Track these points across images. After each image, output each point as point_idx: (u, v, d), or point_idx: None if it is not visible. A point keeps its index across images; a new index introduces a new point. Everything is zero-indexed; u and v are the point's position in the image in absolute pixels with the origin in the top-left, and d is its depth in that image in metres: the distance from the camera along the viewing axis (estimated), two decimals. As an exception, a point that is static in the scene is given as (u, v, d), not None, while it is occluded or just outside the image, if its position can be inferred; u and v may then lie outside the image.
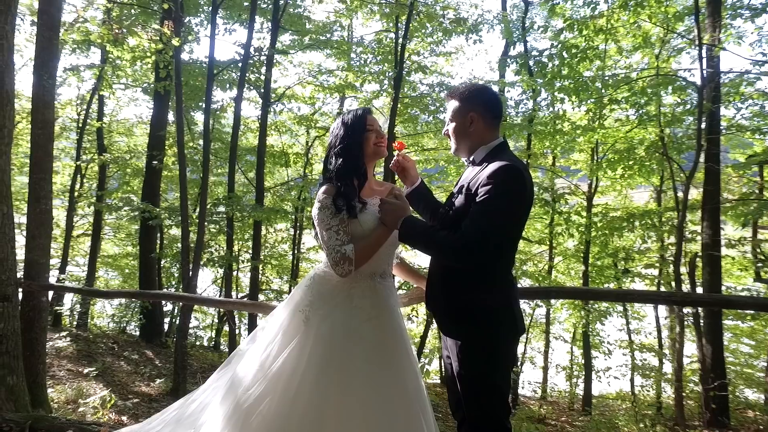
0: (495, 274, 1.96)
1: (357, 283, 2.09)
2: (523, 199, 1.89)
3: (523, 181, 1.87)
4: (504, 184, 1.81)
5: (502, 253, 1.94)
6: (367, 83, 11.26)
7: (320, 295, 2.09)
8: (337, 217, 2.01)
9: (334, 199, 2.04)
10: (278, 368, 1.98)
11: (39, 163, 4.20)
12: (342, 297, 2.07)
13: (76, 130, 13.46)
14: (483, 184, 1.85)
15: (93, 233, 12.16)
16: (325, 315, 2.04)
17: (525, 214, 1.98)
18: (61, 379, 6.32)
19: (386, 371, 2.03)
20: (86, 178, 14.32)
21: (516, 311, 2.00)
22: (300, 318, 2.06)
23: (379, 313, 2.11)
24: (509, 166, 1.85)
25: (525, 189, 1.87)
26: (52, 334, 8.38)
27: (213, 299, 4.41)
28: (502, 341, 1.94)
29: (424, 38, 11.04)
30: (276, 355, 2.03)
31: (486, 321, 1.92)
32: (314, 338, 2.00)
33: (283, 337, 2.07)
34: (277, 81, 12.61)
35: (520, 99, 9.99)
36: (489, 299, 1.94)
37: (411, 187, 2.28)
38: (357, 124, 2.18)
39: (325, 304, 2.06)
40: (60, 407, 5.13)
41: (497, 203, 1.80)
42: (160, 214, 8.71)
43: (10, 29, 3.63)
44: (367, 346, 2.01)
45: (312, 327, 2.02)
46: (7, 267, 3.60)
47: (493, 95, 2.12)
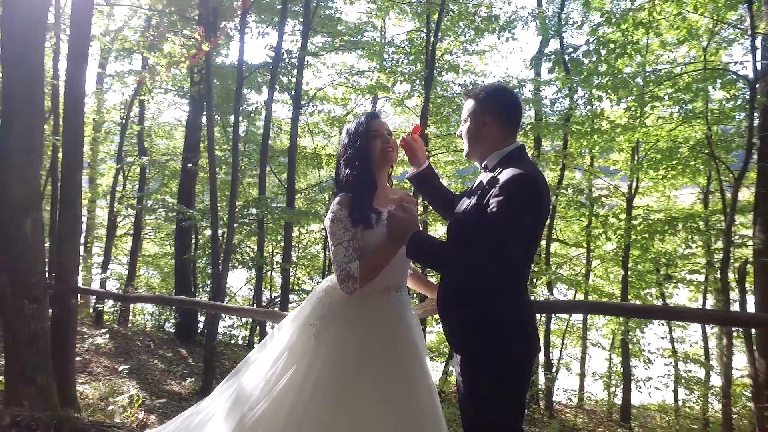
0: (508, 290, 1.84)
1: (371, 297, 1.99)
2: (537, 211, 1.75)
3: (538, 191, 1.74)
4: (517, 196, 1.69)
5: (520, 270, 1.82)
6: (399, 84, 11.16)
7: (332, 309, 2.00)
8: (349, 232, 1.92)
9: (349, 212, 1.95)
10: (285, 386, 1.91)
11: (69, 170, 4.32)
12: (355, 312, 1.98)
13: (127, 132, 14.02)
14: (495, 195, 1.73)
15: (134, 233, 12.60)
16: (336, 331, 1.96)
17: (541, 226, 1.85)
18: (98, 376, 6.53)
19: (399, 390, 1.93)
20: (129, 180, 14.91)
21: (529, 328, 1.87)
22: (310, 333, 1.98)
23: (394, 329, 2.02)
24: (522, 176, 1.71)
25: (539, 200, 1.74)
26: (93, 331, 8.71)
27: (222, 306, 4.46)
28: (512, 361, 1.81)
29: (457, 37, 10.86)
30: (282, 372, 1.95)
31: (494, 338, 1.80)
32: (324, 356, 1.92)
33: (291, 352, 2.00)
34: (310, 83, 12.73)
35: (556, 97, 9.66)
36: (499, 315, 1.81)
37: (417, 170, 2.22)
38: (362, 131, 2.08)
39: (336, 319, 1.98)
40: (93, 404, 5.29)
41: (510, 218, 1.67)
42: (193, 216, 8.90)
43: (40, 40, 3.75)
44: (379, 364, 1.92)
45: (322, 343, 1.94)
46: (36, 270, 3.72)
47: (511, 97, 1.98)
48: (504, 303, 1.82)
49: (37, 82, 3.69)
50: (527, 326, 1.86)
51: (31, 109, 3.66)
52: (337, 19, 10.86)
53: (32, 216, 3.70)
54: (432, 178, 2.25)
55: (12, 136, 3.63)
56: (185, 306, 7.51)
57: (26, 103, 3.63)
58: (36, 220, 3.74)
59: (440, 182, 2.29)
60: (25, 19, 3.62)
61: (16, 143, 3.63)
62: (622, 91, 8.31)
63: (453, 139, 12.27)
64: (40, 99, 3.74)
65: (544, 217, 1.83)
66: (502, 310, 1.81)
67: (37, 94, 3.69)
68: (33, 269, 3.71)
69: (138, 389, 6.39)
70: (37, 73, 3.69)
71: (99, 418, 4.36)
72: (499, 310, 1.80)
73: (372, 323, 1.99)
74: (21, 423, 3.46)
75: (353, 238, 1.92)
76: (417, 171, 2.23)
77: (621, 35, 7.78)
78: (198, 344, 10.00)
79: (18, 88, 3.61)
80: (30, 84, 3.63)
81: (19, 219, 3.65)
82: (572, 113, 9.84)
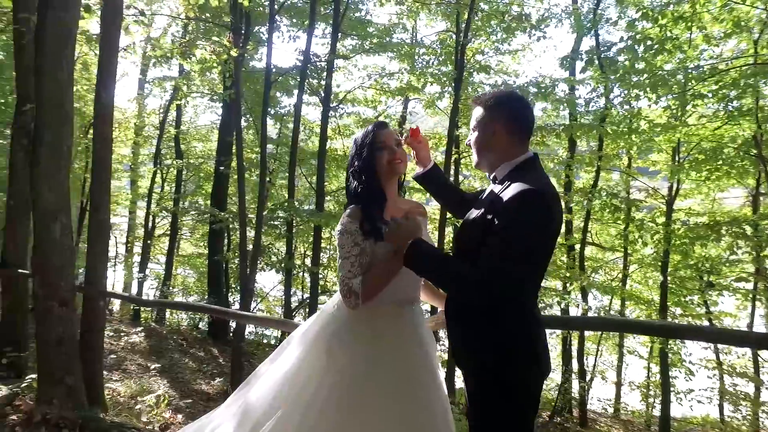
0: (515, 306, 1.74)
1: (383, 311, 1.95)
2: (544, 229, 1.65)
3: (546, 207, 1.63)
4: (523, 212, 1.59)
5: (527, 289, 1.72)
6: (429, 85, 11.06)
7: (344, 323, 1.95)
8: (357, 246, 1.88)
9: (360, 224, 1.91)
10: (293, 403, 1.88)
11: (98, 176, 4.47)
12: (367, 327, 1.93)
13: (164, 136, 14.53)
14: (499, 212, 1.65)
15: (170, 234, 12.99)
16: (348, 347, 1.91)
17: (551, 241, 1.75)
18: (131, 374, 6.74)
19: (412, 408, 1.88)
20: (167, 182, 15.42)
21: (538, 347, 1.77)
22: (322, 349, 1.94)
23: (408, 345, 1.96)
24: (530, 192, 1.61)
25: (548, 216, 1.64)
26: (130, 329, 9.02)
27: (234, 312, 4.51)
28: (518, 381, 1.72)
29: (489, 36, 10.66)
30: (291, 389, 1.92)
31: (499, 357, 1.71)
32: (335, 373, 1.88)
33: (301, 368, 1.96)
34: (341, 85, 12.81)
35: (590, 97, 9.32)
36: (505, 332, 1.72)
37: (423, 170, 2.20)
38: (368, 142, 2.02)
39: (348, 335, 1.93)
40: (124, 402, 5.44)
41: (513, 236, 1.58)
42: (224, 218, 9.08)
43: (70, 52, 3.89)
44: (392, 381, 1.87)
45: (334, 360, 1.90)
46: (65, 274, 3.86)
47: (522, 103, 1.88)
48: (511, 320, 1.73)
49: (65, 93, 3.82)
50: (535, 345, 1.76)
51: (59, 119, 3.79)
52: (367, 22, 10.86)
53: (61, 221, 3.83)
54: (437, 177, 2.21)
55: (42, 145, 3.78)
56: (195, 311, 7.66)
57: (55, 113, 3.76)
58: (65, 225, 3.87)
59: (447, 181, 2.27)
60: (55, 34, 3.75)
61: (46, 151, 3.77)
62: (661, 89, 7.94)
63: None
64: (69, 109, 3.87)
65: (553, 232, 1.73)
66: (508, 327, 1.72)
67: (65, 105, 3.82)
68: (61, 273, 3.84)
69: (168, 388, 6.55)
70: (65, 84, 3.82)
71: (126, 417, 4.49)
72: (505, 326, 1.71)
73: (385, 339, 1.93)
74: (50, 421, 3.60)
75: (361, 254, 1.89)
76: (422, 171, 2.21)
77: (659, 31, 7.43)
78: (230, 344, 10.21)
79: (48, 99, 3.75)
80: (58, 95, 3.76)
81: (49, 223, 3.78)
82: (608, 113, 9.48)
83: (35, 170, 3.80)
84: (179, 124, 13.35)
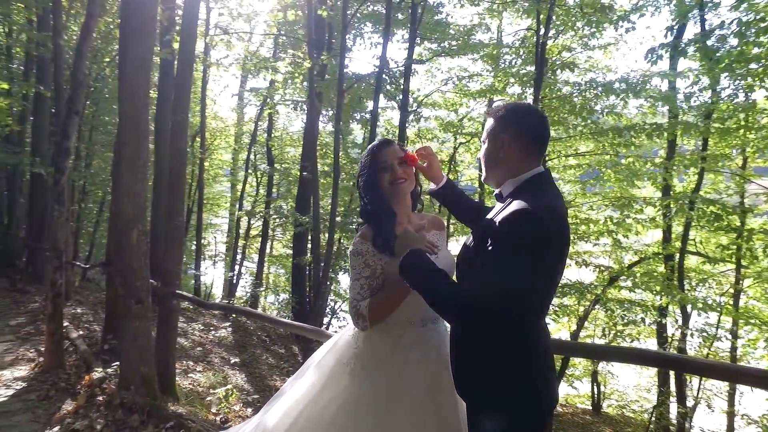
0: (513, 341, 1.63)
1: (405, 331, 1.92)
2: (541, 253, 1.52)
3: (542, 230, 1.50)
4: (515, 235, 1.49)
5: (516, 315, 1.61)
6: (510, 86, 10.67)
7: (366, 344, 1.94)
8: (368, 268, 1.87)
9: (373, 242, 1.90)
10: (315, 423, 1.89)
11: (174, 186, 4.91)
12: (388, 348, 1.91)
13: (255, 143, 15.64)
14: (493, 231, 1.56)
15: (262, 236, 13.88)
16: (370, 369, 1.90)
17: (550, 263, 1.60)
18: (213, 366, 7.31)
19: (434, 428, 1.83)
20: (261, 185, 16.52)
21: (539, 386, 1.63)
22: (344, 371, 1.94)
23: (429, 365, 1.91)
24: (526, 212, 1.51)
25: (544, 239, 1.51)
26: (219, 324, 9.79)
27: (271, 318, 4.68)
28: (518, 416, 1.60)
29: (577, 32, 10.01)
30: (313, 408, 1.94)
31: (498, 388, 1.61)
32: (356, 394, 1.88)
33: (323, 387, 1.97)
34: (421, 90, 12.80)
35: (690, 91, 8.31)
36: (501, 373, 1.61)
37: (436, 187, 2.14)
38: (370, 161, 2.01)
39: (370, 357, 1.92)
40: (203, 393, 5.92)
41: (506, 259, 1.49)
42: (304, 221, 9.50)
43: (144, 81, 4.31)
44: (413, 402, 1.84)
45: (355, 383, 1.90)
46: (140, 275, 4.29)
47: (534, 115, 1.76)
48: (506, 357, 1.61)
49: (141, 114, 4.24)
50: (537, 383, 1.62)
51: (136, 136, 4.22)
52: (445, 24, 10.72)
53: (138, 228, 4.26)
54: (451, 193, 2.14)
55: (123, 160, 4.24)
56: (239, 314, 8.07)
57: (133, 132, 4.20)
58: (141, 232, 4.30)
59: (463, 196, 2.15)
60: (132, 66, 4.19)
61: (126, 166, 4.22)
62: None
63: (573, 142, 11.34)
64: (144, 128, 4.29)
65: (553, 253, 1.59)
66: (504, 367, 1.61)
67: (141, 124, 4.24)
68: (138, 274, 4.27)
69: (245, 382, 6.99)
70: (141, 107, 4.24)
71: (197, 407, 4.87)
72: (500, 366, 1.61)
73: (406, 360, 1.90)
74: (125, 405, 4.04)
75: (371, 275, 1.88)
76: (436, 188, 2.14)
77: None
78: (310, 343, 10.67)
79: (127, 120, 4.20)
80: (135, 116, 4.19)
81: (128, 230, 4.23)
82: (716, 107, 8.43)
83: (117, 182, 4.28)
84: (270, 131, 14.24)
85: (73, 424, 3.81)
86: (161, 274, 4.76)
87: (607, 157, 9.93)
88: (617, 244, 8.84)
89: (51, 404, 4.25)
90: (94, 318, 7.50)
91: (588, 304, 8.29)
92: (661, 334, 9.42)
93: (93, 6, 5.83)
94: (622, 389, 10.98)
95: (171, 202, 4.91)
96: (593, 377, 10.29)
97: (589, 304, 8.24)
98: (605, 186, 10.86)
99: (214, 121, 15.88)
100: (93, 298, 9.15)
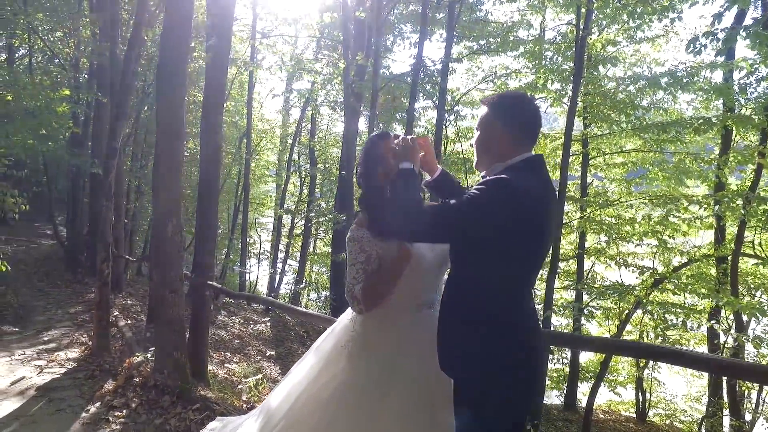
0: (493, 320, 1.67)
1: (402, 315, 1.99)
2: (506, 216, 1.56)
3: (514, 196, 1.56)
4: (485, 192, 1.56)
5: (489, 277, 1.63)
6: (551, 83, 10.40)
7: (363, 328, 2.03)
8: (364, 253, 1.95)
9: (369, 228, 1.98)
10: (314, 401, 2.01)
11: (208, 183, 5.18)
12: (385, 331, 1.99)
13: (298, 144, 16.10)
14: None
15: (304, 234, 14.24)
16: (366, 352, 1.99)
17: (517, 238, 1.60)
18: (250, 358, 7.60)
19: (425, 412, 1.90)
20: (305, 185, 16.94)
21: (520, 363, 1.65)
22: (341, 353, 2.03)
23: (425, 349, 1.96)
24: (502, 179, 1.59)
25: (514, 204, 1.55)
26: (259, 318, 10.16)
27: (289, 306, 4.79)
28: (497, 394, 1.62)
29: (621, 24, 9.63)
30: (312, 387, 2.05)
31: (477, 376, 1.66)
32: (353, 375, 1.97)
33: (322, 369, 2.07)
34: (460, 88, 12.73)
35: (746, 82, 7.78)
36: (481, 350, 1.66)
37: (431, 178, 2.16)
38: (369, 153, 2.10)
39: (368, 339, 2.00)
40: (236, 381, 6.19)
41: (469, 203, 1.57)
42: (342, 220, 9.69)
43: (180, 81, 4.58)
44: (407, 385, 1.92)
45: (352, 364, 1.99)
46: (174, 266, 4.56)
47: (527, 103, 1.80)
48: (492, 328, 1.65)
49: (176, 115, 4.51)
50: (519, 353, 1.64)
51: (171, 135, 4.49)
52: (484, 22, 10.63)
53: (173, 221, 4.53)
54: (445, 184, 2.15)
55: (160, 158, 4.53)
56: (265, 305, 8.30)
57: (169, 131, 4.47)
58: (176, 225, 4.56)
59: (457, 186, 2.17)
60: (168, 71, 4.47)
61: (163, 163, 4.51)
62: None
63: (618, 139, 10.92)
64: (180, 128, 4.56)
65: (522, 226, 1.60)
66: (488, 335, 1.65)
67: (175, 124, 4.51)
68: (172, 264, 4.54)
69: (278, 374, 7.23)
70: (176, 108, 4.51)
71: (226, 394, 5.11)
72: (485, 335, 1.65)
73: (402, 343, 1.97)
74: (158, 386, 4.32)
75: (367, 260, 1.95)
76: (431, 179, 2.17)
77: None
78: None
79: (163, 121, 4.49)
80: (171, 117, 4.47)
81: (163, 223, 4.51)
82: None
83: (155, 179, 4.58)
84: (313, 132, 14.61)
85: (111, 401, 4.11)
86: (196, 266, 5.03)
87: (651, 154, 9.50)
88: (663, 245, 8.43)
89: (95, 383, 4.60)
90: (142, 309, 7.99)
91: (630, 307, 7.95)
92: (713, 341, 8.90)
93: (141, 15, 6.25)
94: (670, 398, 10.45)
95: (205, 197, 5.18)
96: (638, 384, 9.85)
97: (631, 307, 7.91)
98: (652, 185, 10.40)
99: (260, 123, 16.45)
100: (143, 290, 9.72)
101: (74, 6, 11.57)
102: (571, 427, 8.93)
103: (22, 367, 5.06)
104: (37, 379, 4.69)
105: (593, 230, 9.66)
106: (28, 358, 5.37)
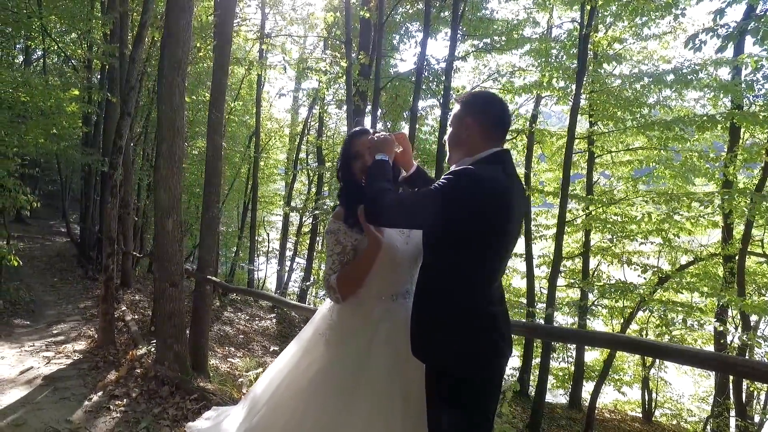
0: (459, 307, 1.74)
1: (376, 304, 2.06)
2: (470, 202, 1.63)
3: (478, 184, 1.63)
4: (450, 180, 1.64)
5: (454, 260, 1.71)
6: (557, 81, 10.37)
7: (340, 317, 2.11)
8: (340, 245, 2.02)
9: (345, 220, 2.05)
10: (294, 384, 2.09)
11: (210, 180, 5.30)
12: (361, 320, 2.06)
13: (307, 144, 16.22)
14: None
15: (311, 232, 14.36)
16: (342, 340, 2.06)
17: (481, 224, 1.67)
18: (254, 353, 7.72)
19: (399, 397, 1.98)
20: (313, 184, 17.07)
21: (482, 348, 1.72)
22: (320, 340, 2.11)
23: (398, 337, 2.03)
24: (465, 168, 1.66)
25: (477, 192, 1.63)
26: (266, 315, 10.29)
27: (276, 297, 4.89)
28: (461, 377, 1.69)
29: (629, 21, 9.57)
30: (292, 372, 2.13)
31: (443, 361, 1.73)
32: (330, 362, 2.04)
33: (302, 355, 2.15)
34: (466, 87, 12.72)
35: (753, 79, 7.68)
36: (446, 336, 1.73)
37: (406, 174, 2.18)
38: (345, 149, 2.17)
39: (344, 328, 2.08)
40: (238, 375, 6.30)
41: (435, 190, 1.64)
42: (346, 218, 9.77)
43: (181, 80, 4.70)
44: (380, 373, 1.98)
45: (330, 351, 2.06)
46: (175, 261, 4.69)
47: (497, 102, 1.88)
48: (458, 315, 1.72)
49: (177, 113, 4.63)
50: (481, 338, 1.71)
51: (172, 134, 4.61)
52: (489, 20, 10.62)
53: (173, 217, 4.66)
54: (420, 180, 2.19)
55: (161, 156, 4.65)
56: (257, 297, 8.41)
57: (169, 129, 4.59)
58: (176, 221, 4.69)
59: (432, 183, 2.25)
60: (170, 68, 4.59)
61: (163, 160, 4.63)
62: None
63: (624, 137, 10.84)
64: (180, 126, 4.67)
65: (486, 217, 1.67)
66: (455, 322, 1.72)
67: (176, 122, 4.63)
68: (173, 259, 4.67)
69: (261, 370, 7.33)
70: (177, 107, 4.63)
71: (226, 386, 5.23)
72: (451, 321, 1.72)
73: (376, 330, 2.03)
74: (158, 377, 4.44)
75: (342, 252, 2.02)
76: (407, 175, 2.20)
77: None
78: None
79: (164, 118, 4.61)
80: (172, 115, 4.59)
81: (164, 219, 4.63)
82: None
83: (156, 176, 4.70)
84: (321, 131, 14.71)
85: (113, 390, 4.25)
86: (197, 260, 5.15)
87: (658, 152, 9.43)
88: (668, 243, 8.37)
89: (99, 373, 4.75)
90: (149, 304, 8.16)
91: (634, 306, 7.92)
92: (719, 341, 8.81)
93: (145, 16, 6.39)
94: (677, 398, 10.35)
95: (206, 194, 5.30)
96: (644, 383, 9.78)
97: (635, 305, 7.87)
98: (658, 183, 10.32)
99: (269, 122, 16.61)
100: (152, 287, 9.91)
101: (86, 8, 11.81)
102: (575, 426, 8.91)
103: (31, 357, 5.23)
104: (44, 369, 4.85)
105: (598, 228, 9.62)
106: (37, 349, 5.54)
